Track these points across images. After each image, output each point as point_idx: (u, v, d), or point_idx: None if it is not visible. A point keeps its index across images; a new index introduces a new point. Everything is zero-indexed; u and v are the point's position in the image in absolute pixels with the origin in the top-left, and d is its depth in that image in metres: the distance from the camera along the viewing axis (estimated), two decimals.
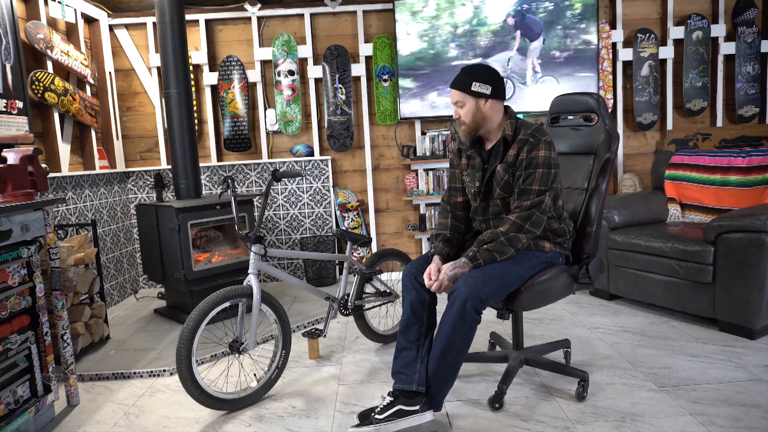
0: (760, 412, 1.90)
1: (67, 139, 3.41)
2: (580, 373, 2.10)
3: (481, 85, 1.92)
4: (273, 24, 4.11)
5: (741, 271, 2.52)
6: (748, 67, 4.11)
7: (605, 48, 4.06)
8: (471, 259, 1.88)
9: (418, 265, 2.04)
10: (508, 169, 1.95)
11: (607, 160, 2.11)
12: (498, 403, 2.00)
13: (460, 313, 1.78)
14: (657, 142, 4.26)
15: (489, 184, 2.01)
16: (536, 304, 2.02)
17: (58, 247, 2.18)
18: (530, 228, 1.89)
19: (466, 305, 1.77)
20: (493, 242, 1.87)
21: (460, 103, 1.97)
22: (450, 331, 1.81)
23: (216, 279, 3.21)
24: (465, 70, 1.99)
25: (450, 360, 1.83)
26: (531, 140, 1.92)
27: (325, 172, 4.12)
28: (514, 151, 1.95)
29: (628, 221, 3.21)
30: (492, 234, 1.89)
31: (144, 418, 2.12)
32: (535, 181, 1.89)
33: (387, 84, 4.08)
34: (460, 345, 1.82)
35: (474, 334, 1.82)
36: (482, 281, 1.80)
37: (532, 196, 1.89)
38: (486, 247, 1.88)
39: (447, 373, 1.85)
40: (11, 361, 1.91)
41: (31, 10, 3.13)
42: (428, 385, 1.86)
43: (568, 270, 2.05)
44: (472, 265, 1.87)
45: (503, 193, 1.97)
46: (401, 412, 1.82)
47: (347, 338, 2.89)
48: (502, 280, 1.84)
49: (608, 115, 2.18)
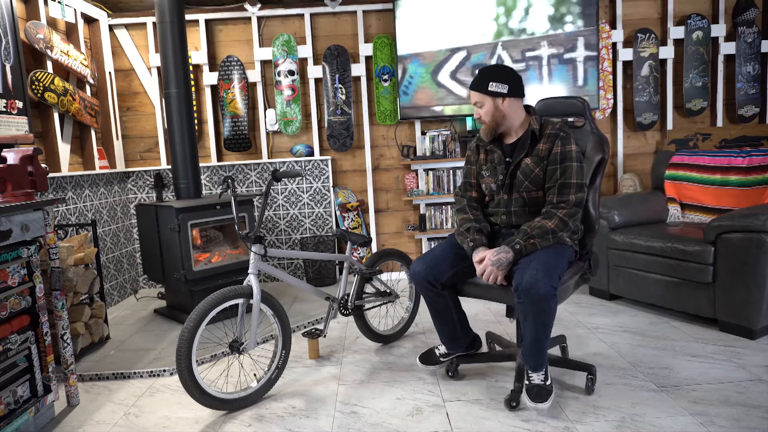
0: (760, 412, 1.90)
1: (67, 139, 3.41)
2: (587, 366, 2.13)
3: (497, 84, 1.98)
4: (273, 24, 4.10)
5: (741, 271, 2.52)
6: (748, 67, 4.10)
7: (605, 48, 4.06)
8: (517, 252, 1.93)
9: (427, 266, 2.10)
10: (539, 163, 2.00)
11: (601, 160, 2.14)
12: (515, 402, 2.00)
13: (544, 302, 1.80)
14: (657, 142, 4.26)
15: (512, 177, 2.06)
16: (560, 300, 2.03)
17: (58, 247, 2.18)
18: (572, 225, 1.97)
19: (548, 294, 1.79)
20: (542, 237, 1.93)
21: (479, 103, 2.04)
22: (539, 319, 1.85)
23: (216, 279, 3.20)
24: (482, 70, 2.06)
25: (545, 337, 1.91)
26: (562, 134, 1.99)
27: (325, 172, 4.12)
28: (545, 145, 2.00)
29: (628, 221, 3.21)
30: (541, 229, 1.93)
31: (144, 418, 2.12)
32: (573, 175, 1.96)
33: (387, 84, 4.08)
34: (551, 319, 1.88)
35: (556, 304, 1.86)
36: (547, 272, 1.83)
37: (573, 191, 1.95)
38: (533, 241, 1.93)
39: (545, 344, 1.94)
40: (11, 361, 1.91)
41: (31, 10, 3.13)
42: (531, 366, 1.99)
43: (578, 266, 2.11)
44: (516, 256, 1.93)
45: (531, 186, 2.02)
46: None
47: (347, 338, 2.89)
48: (557, 272, 1.87)
49: (593, 119, 2.23)
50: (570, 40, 3.87)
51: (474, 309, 3.19)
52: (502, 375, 2.30)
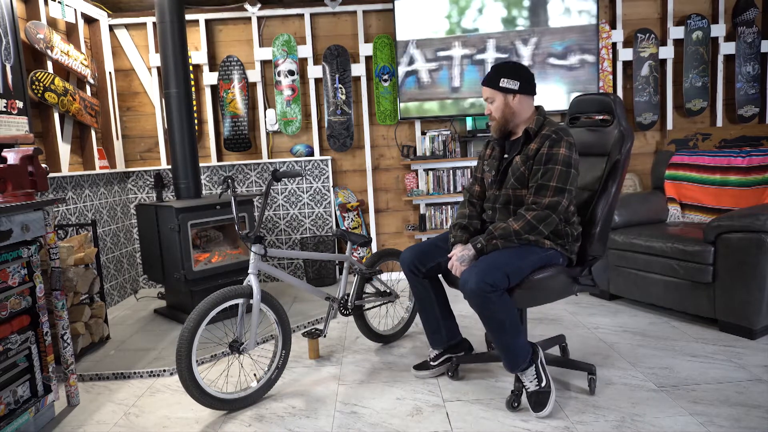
0: (760, 412, 1.90)
1: (67, 139, 3.41)
2: (587, 366, 2.13)
3: (509, 80, 2.00)
4: (273, 24, 4.10)
5: (741, 271, 2.52)
6: (748, 67, 4.11)
7: (605, 48, 4.06)
8: (478, 251, 1.98)
9: (414, 253, 2.23)
10: (526, 161, 2.01)
11: (616, 162, 2.10)
12: (517, 402, 2.00)
13: (477, 297, 1.85)
14: (657, 142, 4.26)
15: (504, 174, 2.08)
16: (532, 302, 2.06)
17: (58, 247, 2.18)
18: (543, 229, 1.94)
19: (479, 289, 1.83)
20: (504, 239, 1.95)
21: (490, 99, 2.06)
22: (484, 315, 1.90)
23: (216, 279, 3.20)
24: (495, 67, 2.07)
25: (503, 335, 1.92)
26: (553, 136, 1.97)
27: (325, 172, 4.12)
28: (535, 145, 2.00)
29: (628, 221, 3.21)
30: (504, 230, 1.95)
31: (144, 418, 2.12)
32: (553, 178, 1.93)
33: (387, 84, 4.08)
34: (501, 316, 1.89)
35: (504, 301, 1.88)
36: (486, 270, 1.86)
37: (549, 194, 1.92)
38: (495, 242, 1.95)
39: (509, 342, 1.94)
40: (11, 361, 1.91)
41: (31, 10, 3.13)
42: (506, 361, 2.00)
43: (567, 271, 2.05)
44: (477, 253, 1.98)
45: (516, 184, 2.04)
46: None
47: (347, 338, 2.89)
48: (505, 270, 1.88)
49: (624, 116, 2.17)
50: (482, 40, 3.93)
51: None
52: (502, 375, 2.30)
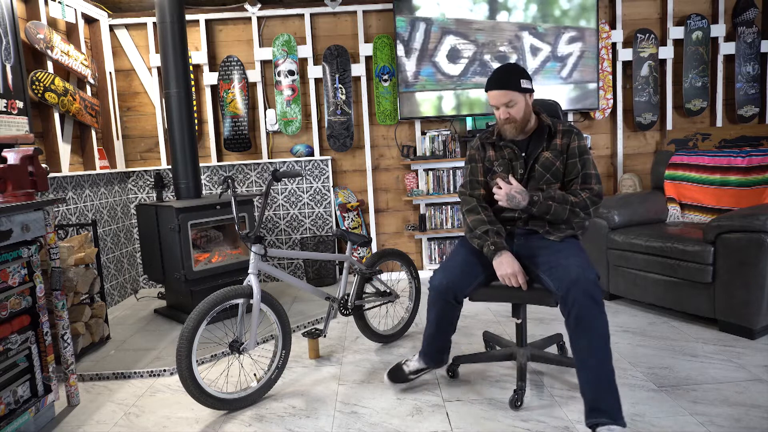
0: (760, 412, 1.90)
1: (67, 139, 3.41)
2: None
3: (526, 81, 2.01)
4: (273, 24, 4.11)
5: (741, 271, 2.52)
6: (748, 67, 4.11)
7: (605, 48, 4.06)
8: (531, 202, 1.95)
9: (452, 280, 1.99)
10: (559, 156, 2.04)
11: None
12: (519, 402, 1.99)
13: (596, 287, 1.73)
14: (657, 142, 4.26)
15: (531, 171, 2.07)
16: None
17: (58, 247, 2.18)
18: (591, 213, 1.99)
19: (593, 282, 1.74)
20: (560, 204, 1.95)
21: (511, 102, 1.99)
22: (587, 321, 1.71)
23: (216, 279, 3.20)
24: (506, 69, 2.02)
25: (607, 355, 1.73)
26: (575, 131, 2.05)
27: (325, 172, 4.12)
28: (562, 140, 2.04)
29: (627, 221, 3.21)
30: (563, 197, 1.97)
31: (144, 418, 2.12)
32: (591, 166, 2.03)
33: (387, 84, 4.08)
34: (605, 327, 1.73)
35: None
36: (585, 264, 1.81)
37: (595, 180, 2.00)
38: (550, 203, 1.95)
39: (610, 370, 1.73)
40: (11, 361, 1.91)
41: (31, 10, 3.13)
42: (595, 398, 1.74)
43: None
44: (527, 206, 1.95)
45: (552, 179, 2.04)
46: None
47: (347, 338, 2.89)
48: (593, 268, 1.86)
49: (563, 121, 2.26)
50: None
51: (474, 309, 3.20)
52: (502, 375, 2.30)
